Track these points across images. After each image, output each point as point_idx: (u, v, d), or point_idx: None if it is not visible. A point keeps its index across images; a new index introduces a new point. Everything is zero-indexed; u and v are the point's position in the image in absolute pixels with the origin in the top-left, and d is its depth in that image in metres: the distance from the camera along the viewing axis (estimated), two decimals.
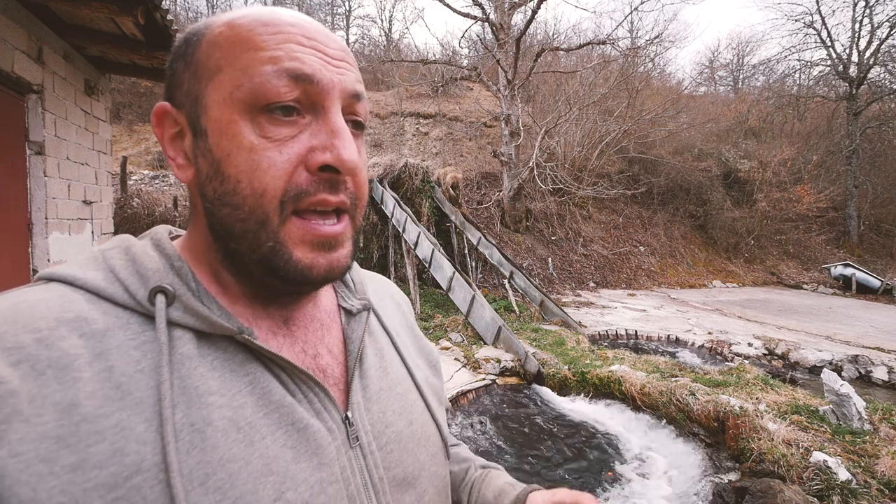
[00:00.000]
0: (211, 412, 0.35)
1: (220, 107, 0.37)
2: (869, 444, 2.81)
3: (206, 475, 0.33)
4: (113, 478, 0.30)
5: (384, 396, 0.47)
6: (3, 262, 3.06)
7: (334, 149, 0.37)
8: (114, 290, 0.37)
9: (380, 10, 42.17)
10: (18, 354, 0.31)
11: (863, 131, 16.79)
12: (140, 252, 0.40)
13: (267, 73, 0.36)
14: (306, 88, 0.37)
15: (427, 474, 0.47)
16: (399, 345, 0.53)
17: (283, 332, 0.43)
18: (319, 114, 0.38)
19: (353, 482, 0.40)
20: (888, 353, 5.91)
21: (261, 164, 0.36)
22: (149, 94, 16.51)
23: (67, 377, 0.32)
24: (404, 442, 0.46)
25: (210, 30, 0.39)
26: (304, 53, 0.38)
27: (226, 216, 0.38)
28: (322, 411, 0.41)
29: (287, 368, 0.40)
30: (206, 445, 0.33)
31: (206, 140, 0.38)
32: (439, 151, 15.47)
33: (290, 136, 0.37)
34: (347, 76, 0.40)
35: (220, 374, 0.37)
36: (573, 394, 4.22)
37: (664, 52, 19.42)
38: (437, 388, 0.57)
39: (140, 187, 9.36)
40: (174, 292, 0.37)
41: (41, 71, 3.30)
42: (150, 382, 0.34)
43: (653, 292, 11.23)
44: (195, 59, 0.39)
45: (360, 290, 0.53)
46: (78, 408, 0.31)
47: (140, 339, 0.35)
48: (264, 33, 0.38)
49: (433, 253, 6.89)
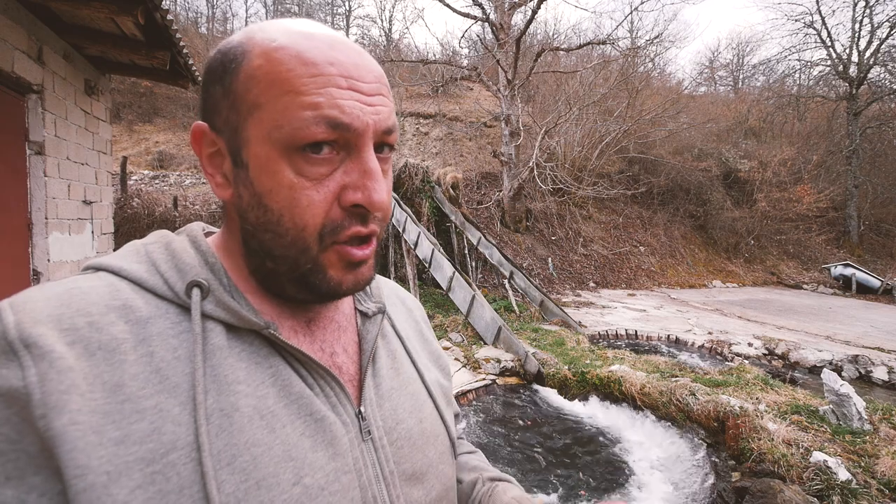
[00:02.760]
0: (238, 399, 0.38)
1: (261, 144, 0.39)
2: (869, 444, 2.81)
3: (233, 456, 0.35)
4: (151, 453, 0.33)
5: (395, 395, 0.49)
6: (3, 261, 3.06)
7: (366, 189, 0.40)
8: (155, 281, 0.40)
9: (380, 10, 42.05)
10: (74, 335, 0.34)
11: (863, 131, 16.78)
12: (179, 247, 0.43)
13: (306, 120, 0.37)
14: (342, 133, 0.39)
15: (435, 471, 0.49)
16: (409, 348, 0.56)
17: (303, 332, 0.46)
18: (352, 153, 0.40)
19: (365, 473, 0.43)
20: (888, 353, 5.91)
21: (300, 202, 0.39)
22: (149, 94, 16.51)
23: (115, 359, 0.35)
24: (414, 439, 0.48)
25: (248, 59, 0.40)
26: (343, 99, 0.38)
27: (268, 241, 0.41)
28: (337, 405, 0.44)
29: (306, 363, 0.43)
30: (234, 429, 0.36)
31: (248, 172, 0.41)
32: (439, 151, 15.47)
33: (325, 174, 0.39)
34: (382, 113, 0.41)
35: (247, 365, 0.40)
36: (573, 394, 4.22)
37: (664, 52, 19.45)
38: (447, 390, 0.60)
39: (140, 187, 9.36)
40: (208, 287, 0.40)
41: (41, 71, 3.30)
42: (186, 369, 0.37)
43: (653, 292, 11.23)
44: (233, 90, 0.40)
45: (375, 294, 0.56)
46: (123, 388, 0.34)
47: (177, 329, 0.38)
48: (304, 75, 0.38)
49: (433, 253, 6.89)
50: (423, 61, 14.80)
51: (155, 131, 15.36)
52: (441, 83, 14.01)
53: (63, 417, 0.31)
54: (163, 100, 16.65)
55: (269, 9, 29.50)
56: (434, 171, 9.91)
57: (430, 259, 6.96)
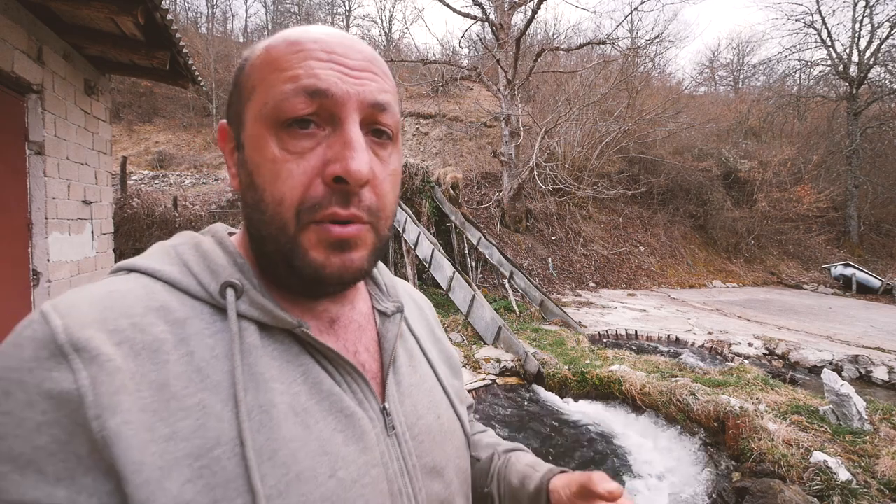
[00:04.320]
0: (274, 396, 0.38)
1: (253, 123, 0.41)
2: (869, 444, 2.81)
3: (274, 451, 0.37)
4: (198, 449, 0.34)
5: (415, 392, 0.51)
6: (3, 262, 3.05)
7: (344, 160, 0.39)
8: (188, 282, 0.41)
9: (380, 10, 42.13)
10: (119, 336, 0.35)
11: (863, 131, 16.78)
12: (209, 249, 0.44)
13: (286, 92, 0.39)
14: (323, 102, 0.39)
15: (453, 466, 0.51)
16: (424, 347, 0.57)
17: (328, 331, 0.47)
18: (336, 126, 0.40)
19: (391, 467, 0.44)
20: (888, 353, 5.91)
21: (280, 175, 0.39)
22: (149, 94, 16.51)
23: (159, 359, 0.36)
24: (433, 434, 0.50)
25: (253, 55, 0.43)
26: (321, 69, 0.39)
27: (256, 220, 0.42)
28: (364, 401, 0.44)
29: (335, 361, 0.44)
30: (273, 425, 0.37)
31: (244, 154, 0.42)
32: (439, 151, 15.47)
33: (308, 148, 0.40)
34: (368, 86, 0.41)
35: (279, 363, 0.41)
36: (573, 394, 4.22)
37: (664, 51, 19.48)
38: (458, 388, 0.62)
39: (140, 187, 9.36)
40: (242, 287, 0.41)
41: (41, 71, 3.29)
42: (225, 367, 0.38)
43: (653, 292, 11.23)
44: (239, 82, 0.44)
45: (392, 294, 0.57)
46: (168, 387, 0.35)
47: (213, 329, 0.39)
48: (288, 53, 0.40)
49: (433, 253, 6.89)
50: (423, 61, 14.79)
51: (155, 131, 15.35)
52: (441, 83, 14.01)
53: (117, 417, 0.32)
54: (163, 100, 16.65)
55: (269, 9, 29.50)
56: (434, 171, 9.91)
57: (430, 259, 6.96)
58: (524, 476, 0.57)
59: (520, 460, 0.61)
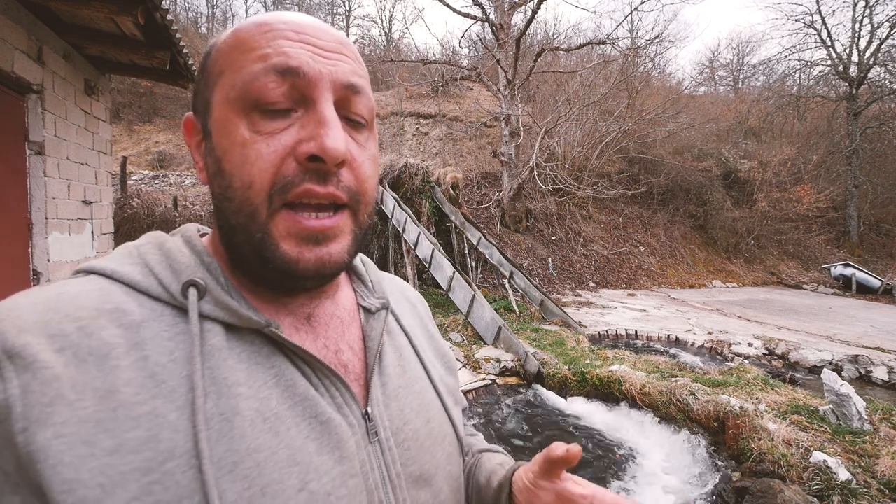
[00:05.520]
0: (239, 402, 0.36)
1: (220, 107, 0.39)
2: (869, 444, 2.81)
3: (235, 463, 0.34)
4: (148, 462, 0.31)
5: (402, 394, 0.48)
6: (3, 262, 3.05)
7: (318, 137, 0.37)
8: (149, 283, 0.38)
9: (380, 10, 42.17)
10: (62, 342, 0.33)
11: (863, 131, 16.78)
12: (173, 248, 0.41)
13: (256, 72, 0.37)
14: (294, 82, 0.37)
15: (443, 473, 0.48)
16: (416, 345, 0.54)
17: (305, 329, 0.44)
18: (309, 106, 0.38)
19: (372, 477, 0.41)
20: (888, 353, 5.91)
21: (249, 157, 0.37)
22: (149, 94, 16.50)
23: (107, 365, 0.33)
24: (421, 440, 0.47)
25: (220, 40, 0.42)
26: (291, 48, 0.38)
27: (225, 209, 0.39)
28: (343, 406, 0.42)
29: (310, 363, 0.41)
30: (235, 434, 0.34)
31: (211, 140, 0.40)
32: (439, 151, 15.46)
33: (280, 129, 0.38)
34: (340, 67, 0.40)
35: (248, 366, 0.38)
36: (573, 394, 4.22)
37: (664, 52, 19.47)
38: (453, 388, 0.58)
39: (140, 187, 9.37)
40: (205, 286, 0.39)
41: (41, 71, 3.30)
42: (183, 372, 0.35)
43: (653, 292, 11.23)
44: (206, 68, 0.42)
45: (378, 290, 0.53)
46: (116, 394, 0.32)
47: (173, 331, 0.37)
48: (257, 33, 0.39)
49: (433, 253, 6.89)
50: (423, 61, 14.80)
51: (155, 131, 15.35)
52: (441, 83, 14.03)
53: (47, 430, 0.29)
54: (163, 100, 16.64)
55: (268, 9, 29.49)
56: (434, 171, 9.90)
57: (430, 259, 6.95)
58: (491, 473, 0.55)
59: (490, 459, 0.59)
